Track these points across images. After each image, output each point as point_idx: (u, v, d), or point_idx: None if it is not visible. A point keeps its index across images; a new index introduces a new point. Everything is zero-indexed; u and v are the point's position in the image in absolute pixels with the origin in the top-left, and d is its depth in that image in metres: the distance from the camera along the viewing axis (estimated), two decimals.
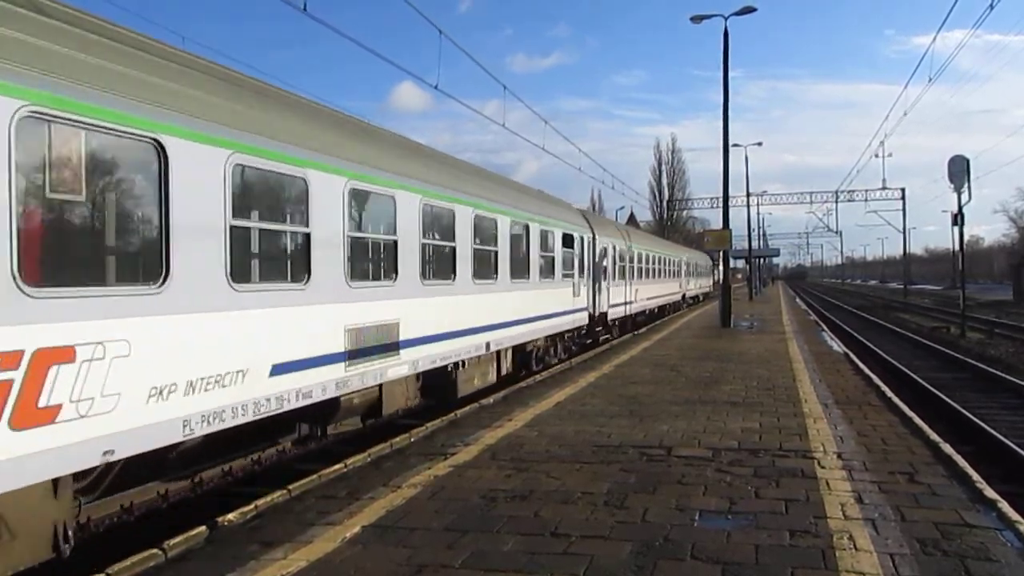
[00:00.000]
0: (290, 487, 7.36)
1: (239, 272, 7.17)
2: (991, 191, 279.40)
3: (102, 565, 5.44)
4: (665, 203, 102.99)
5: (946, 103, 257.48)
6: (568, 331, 19.33)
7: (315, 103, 9.74)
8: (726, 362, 17.24)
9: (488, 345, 13.28)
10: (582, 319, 20.19)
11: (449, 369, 11.94)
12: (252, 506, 6.78)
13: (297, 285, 8.07)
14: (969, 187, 28.44)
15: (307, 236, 8.16)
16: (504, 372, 14.82)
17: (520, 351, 15.87)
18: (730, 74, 29.42)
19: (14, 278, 5.03)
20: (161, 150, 6.24)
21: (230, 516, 6.53)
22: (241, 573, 5.25)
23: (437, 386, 11.89)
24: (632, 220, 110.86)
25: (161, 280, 6.23)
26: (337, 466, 8.16)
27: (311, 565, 5.37)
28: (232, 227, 6.98)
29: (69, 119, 5.48)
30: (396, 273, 10.03)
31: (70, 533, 6.02)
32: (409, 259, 10.31)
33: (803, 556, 5.37)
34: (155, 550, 5.74)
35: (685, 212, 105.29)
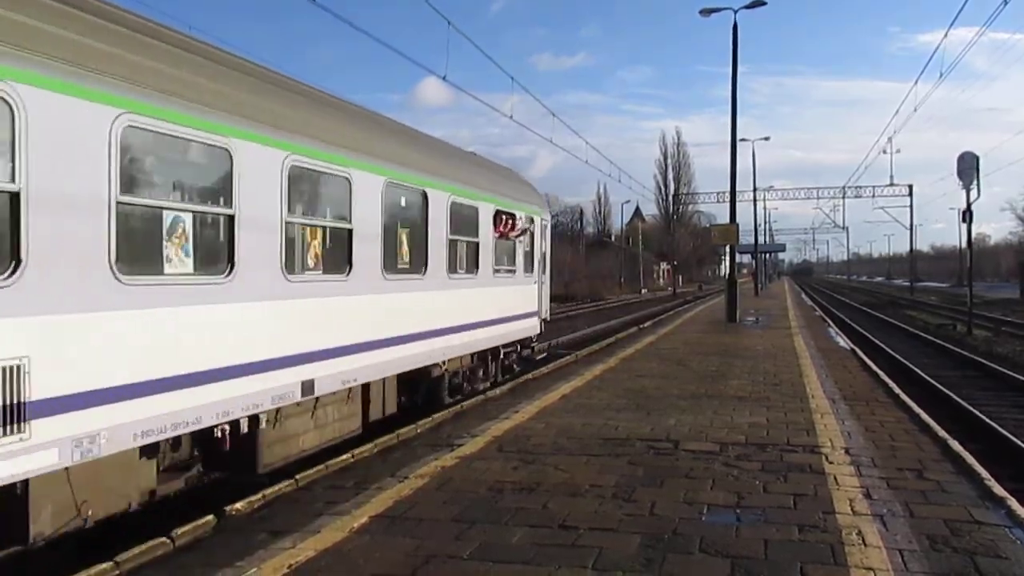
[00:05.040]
0: (297, 477, 7.36)
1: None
2: (999, 189, 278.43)
3: (111, 554, 5.45)
4: (671, 197, 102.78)
5: (954, 100, 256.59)
6: None
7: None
8: (732, 357, 17.21)
9: None
10: None
11: None
12: (260, 495, 6.79)
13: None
14: (978, 184, 28.30)
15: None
16: None
17: None
18: (738, 69, 29.24)
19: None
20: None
21: (238, 505, 6.53)
22: (250, 562, 5.26)
23: None
24: (638, 214, 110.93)
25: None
26: (344, 456, 8.16)
27: (320, 555, 5.37)
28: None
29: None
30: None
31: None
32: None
33: (812, 551, 5.36)
34: (163, 539, 5.74)
35: (691, 207, 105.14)
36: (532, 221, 15.25)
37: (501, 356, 14.52)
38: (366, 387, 9.55)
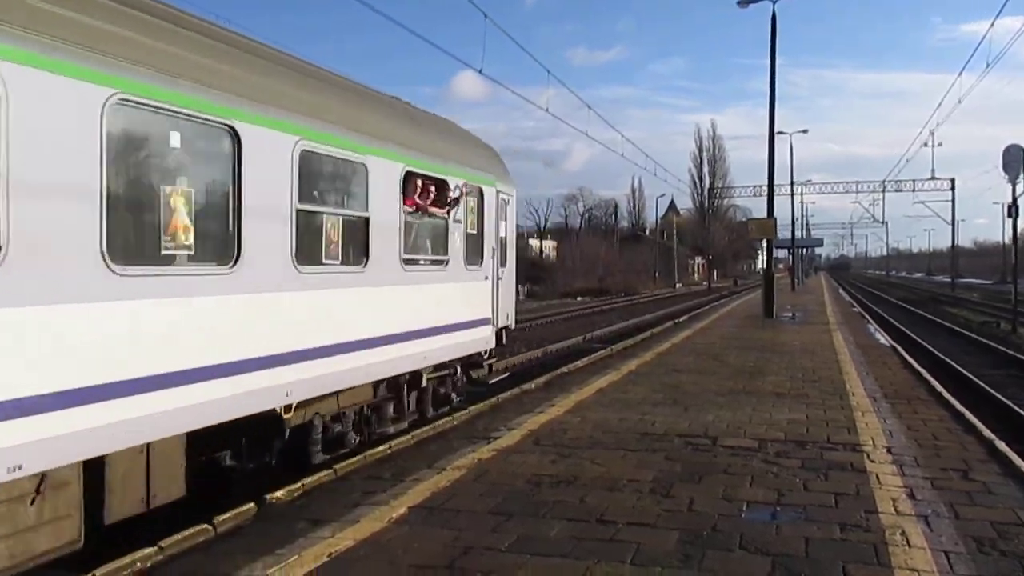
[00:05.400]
0: (336, 467, 7.43)
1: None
2: None
3: (153, 539, 5.54)
4: (706, 191, 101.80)
5: (1000, 92, 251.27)
6: None
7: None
8: (770, 352, 17.04)
9: None
10: None
11: None
12: (299, 485, 6.86)
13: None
14: None
15: None
16: None
17: None
18: (776, 61, 28.90)
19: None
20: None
21: (278, 494, 6.61)
22: (291, 550, 5.31)
23: None
24: (673, 208, 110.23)
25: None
26: (382, 448, 8.23)
27: (359, 544, 5.41)
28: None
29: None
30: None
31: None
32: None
33: (855, 551, 5.28)
34: (205, 525, 5.84)
35: (726, 200, 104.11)
36: (480, 193, 11.09)
37: (425, 384, 10.06)
38: (98, 465, 5.55)
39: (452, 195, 10.00)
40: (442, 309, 9.94)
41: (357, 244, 8.11)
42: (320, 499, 6.58)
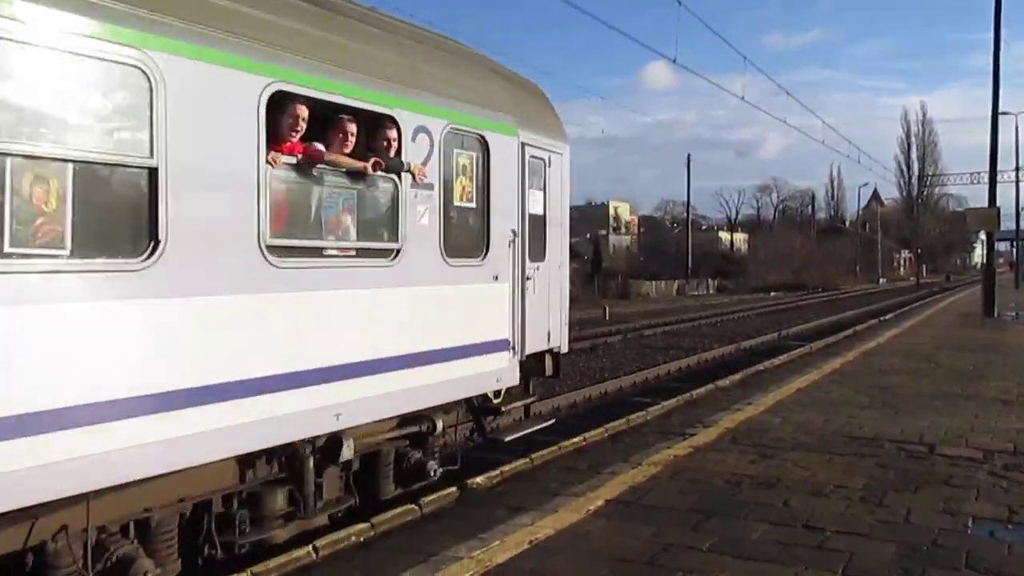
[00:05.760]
0: (532, 456, 7.58)
1: None
2: None
3: (366, 516, 5.90)
4: (914, 179, 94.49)
5: None
6: None
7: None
8: (992, 354, 15.63)
9: None
10: None
11: None
12: (498, 472, 7.06)
13: None
14: None
15: None
16: None
17: None
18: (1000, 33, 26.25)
19: None
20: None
21: (478, 480, 6.83)
22: (492, 535, 5.46)
23: None
24: (876, 197, 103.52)
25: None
26: (576, 439, 8.30)
27: (558, 534, 5.48)
28: None
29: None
30: None
31: None
32: None
33: None
34: (412, 505, 6.14)
35: (938, 189, 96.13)
36: (484, 144, 7.04)
37: (349, 455, 5.81)
38: None
39: (399, 140, 6.07)
40: (382, 330, 5.98)
41: (126, 219, 4.42)
42: (518, 486, 6.73)
